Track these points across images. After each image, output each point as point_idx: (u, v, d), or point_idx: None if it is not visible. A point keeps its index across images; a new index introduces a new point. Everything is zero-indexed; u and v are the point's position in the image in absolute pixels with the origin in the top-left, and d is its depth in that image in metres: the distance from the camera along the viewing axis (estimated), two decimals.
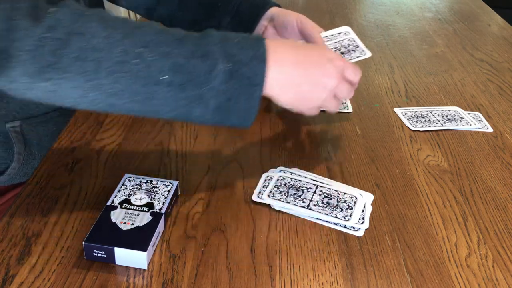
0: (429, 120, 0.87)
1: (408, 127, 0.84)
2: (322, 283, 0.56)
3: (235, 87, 0.60)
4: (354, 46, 0.88)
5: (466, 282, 0.57)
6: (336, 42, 0.89)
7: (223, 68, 0.59)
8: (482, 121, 0.88)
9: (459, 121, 0.87)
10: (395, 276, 0.57)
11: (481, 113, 0.90)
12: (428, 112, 0.89)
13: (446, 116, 0.88)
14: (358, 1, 1.50)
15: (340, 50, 0.88)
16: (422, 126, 0.85)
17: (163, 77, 0.58)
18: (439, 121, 0.86)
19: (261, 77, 0.61)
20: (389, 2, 1.50)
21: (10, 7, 0.53)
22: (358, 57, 0.86)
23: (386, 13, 1.40)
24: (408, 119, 0.87)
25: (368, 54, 0.86)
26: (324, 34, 0.87)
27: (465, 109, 0.91)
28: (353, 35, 0.89)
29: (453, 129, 0.84)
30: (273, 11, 0.87)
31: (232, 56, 0.60)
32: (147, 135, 0.80)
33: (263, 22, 0.87)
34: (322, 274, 0.57)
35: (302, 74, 0.66)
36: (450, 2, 1.53)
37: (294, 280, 0.56)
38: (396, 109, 0.90)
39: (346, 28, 0.90)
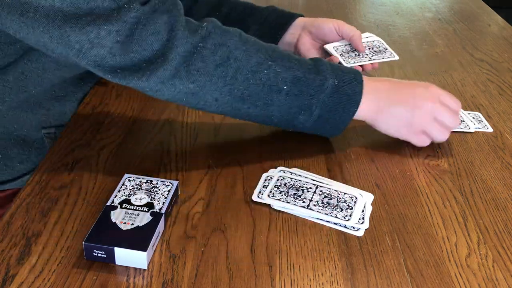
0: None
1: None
2: (322, 283, 0.56)
3: (337, 101, 0.72)
4: (384, 48, 0.97)
5: (466, 282, 0.57)
6: (367, 42, 0.98)
7: (331, 83, 0.71)
8: (482, 121, 0.88)
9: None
10: (395, 276, 0.57)
11: (481, 113, 0.90)
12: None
13: (372, 49, 0.89)
14: (358, 1, 1.50)
15: (372, 49, 0.96)
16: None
17: (285, 87, 0.69)
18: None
19: (359, 96, 0.73)
20: (389, 2, 1.50)
21: (168, 21, 0.64)
22: (388, 57, 0.95)
23: (386, 13, 1.40)
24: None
25: (396, 57, 0.96)
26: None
27: (465, 109, 0.91)
28: (385, 43, 0.99)
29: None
30: (302, 20, 0.97)
31: (338, 75, 0.72)
32: (147, 135, 0.80)
33: (293, 31, 0.96)
34: (322, 274, 0.57)
35: (396, 99, 0.75)
36: (450, 2, 1.53)
37: (294, 280, 0.56)
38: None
39: (378, 38, 1.00)
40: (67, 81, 0.83)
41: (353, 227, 0.63)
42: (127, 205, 0.61)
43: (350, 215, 0.65)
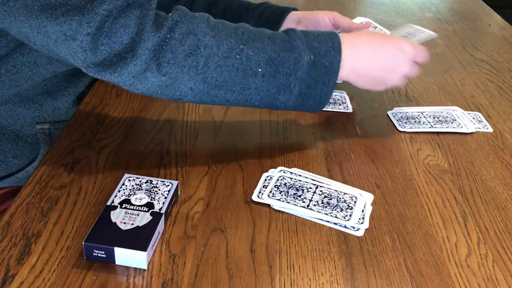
0: (419, 122, 0.86)
1: (397, 128, 0.84)
2: (322, 283, 0.56)
3: (315, 75, 0.70)
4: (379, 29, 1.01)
5: (466, 282, 0.57)
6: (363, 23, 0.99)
7: (307, 59, 0.69)
8: (482, 121, 0.88)
9: (450, 122, 0.86)
10: (395, 276, 0.57)
11: (481, 113, 0.90)
12: (420, 113, 0.89)
13: (438, 118, 0.88)
14: (358, 1, 1.50)
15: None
16: (410, 128, 0.84)
17: (259, 69, 0.68)
18: (429, 122, 0.86)
19: (337, 66, 0.71)
20: (389, 2, 1.50)
21: (140, 16, 0.63)
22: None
23: (386, 13, 1.40)
24: (398, 120, 0.86)
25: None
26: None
27: (465, 109, 0.91)
28: (375, 24, 1.01)
29: (443, 131, 0.84)
30: (297, 13, 0.96)
31: (314, 48, 0.70)
32: (147, 135, 0.80)
33: (289, 24, 0.95)
34: (322, 274, 0.57)
35: (377, 67, 0.75)
36: (450, 2, 1.53)
37: (294, 280, 0.56)
38: (388, 112, 0.89)
39: (363, 18, 1.01)
40: (59, 76, 0.83)
41: (353, 227, 0.63)
42: (127, 205, 0.61)
43: (350, 215, 0.65)
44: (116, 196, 0.63)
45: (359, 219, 0.64)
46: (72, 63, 0.65)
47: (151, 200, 0.63)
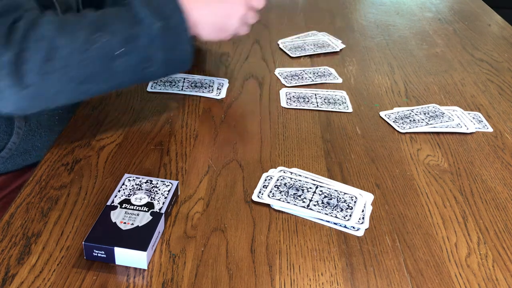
0: (414, 120, 0.86)
1: (398, 130, 0.84)
2: (322, 283, 0.56)
3: (170, 39, 0.72)
4: None
5: (466, 282, 0.57)
6: None
7: (156, 27, 0.70)
8: (482, 121, 0.88)
9: (441, 117, 0.87)
10: (395, 276, 0.57)
11: (481, 113, 0.90)
12: (410, 112, 0.89)
13: (428, 114, 0.88)
14: (358, 1, 1.50)
15: None
16: (410, 128, 0.84)
17: (117, 52, 0.68)
18: (423, 119, 0.86)
19: (186, 24, 0.73)
20: (389, 2, 1.50)
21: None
22: None
23: (386, 13, 1.40)
24: (393, 121, 0.86)
25: None
26: None
27: (465, 109, 0.91)
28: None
29: (441, 131, 0.84)
30: None
31: (159, 14, 0.71)
32: (147, 135, 0.80)
33: None
34: (322, 274, 0.57)
35: (215, 13, 0.78)
36: (450, 2, 1.53)
37: (294, 280, 0.56)
38: (381, 113, 0.89)
39: None
40: None
41: (353, 227, 0.63)
42: (127, 205, 0.61)
43: (350, 215, 0.65)
44: (116, 196, 0.63)
45: (359, 219, 0.64)
46: None
47: (151, 200, 0.63)
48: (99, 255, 0.56)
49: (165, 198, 0.63)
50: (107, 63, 0.68)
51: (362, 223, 0.64)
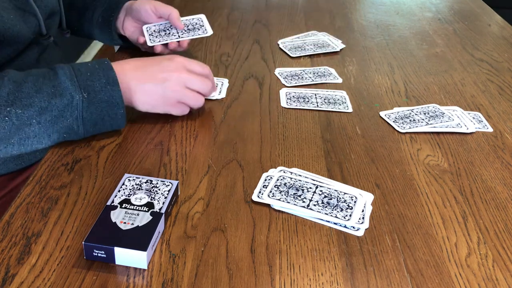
0: (414, 120, 0.86)
1: (398, 130, 0.84)
2: (322, 283, 0.56)
3: (97, 111, 0.72)
4: (200, 25, 1.02)
5: (466, 282, 0.57)
6: (187, 20, 1.03)
7: (79, 98, 0.70)
8: (482, 121, 0.88)
9: (441, 117, 0.87)
10: (395, 276, 0.57)
11: (481, 113, 0.90)
12: (410, 112, 0.89)
13: (428, 114, 0.88)
14: (358, 1, 1.50)
15: (188, 26, 1.01)
16: (410, 128, 0.84)
17: (33, 121, 0.69)
18: (423, 119, 0.86)
19: (118, 98, 0.73)
20: (389, 2, 1.50)
21: None
22: (199, 34, 1.00)
23: (386, 13, 1.40)
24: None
25: (209, 33, 1.00)
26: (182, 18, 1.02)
27: (465, 109, 0.91)
28: (205, 21, 1.04)
29: (441, 131, 0.84)
30: (128, 3, 1.02)
31: (87, 86, 0.71)
32: (147, 135, 0.80)
33: (120, 15, 1.01)
34: (322, 274, 0.57)
35: (145, 77, 0.77)
36: (450, 2, 1.53)
37: (294, 280, 0.56)
38: (381, 113, 0.89)
39: (201, 16, 1.05)
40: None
41: (353, 227, 0.63)
42: (127, 205, 0.61)
43: (350, 215, 0.65)
44: (116, 196, 0.63)
45: (359, 219, 0.64)
46: None
47: (151, 200, 0.63)
48: (99, 255, 0.56)
49: (165, 198, 0.63)
50: (18, 129, 0.68)
51: (362, 223, 0.64)
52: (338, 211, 0.65)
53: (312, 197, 0.67)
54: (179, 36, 0.99)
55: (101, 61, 0.76)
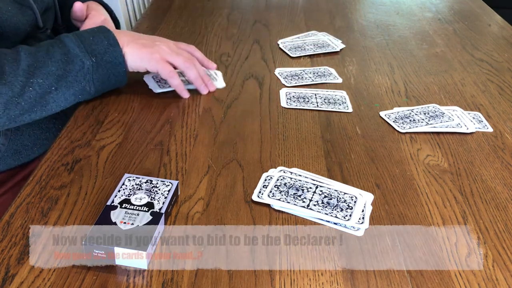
0: (414, 120, 0.86)
1: (398, 130, 0.84)
2: (322, 283, 0.56)
3: (104, 72, 0.82)
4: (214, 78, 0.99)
5: (466, 282, 0.57)
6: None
7: (89, 63, 0.80)
8: (482, 121, 0.88)
9: (441, 117, 0.86)
10: (395, 276, 0.57)
11: (481, 113, 0.90)
12: (410, 112, 0.89)
13: (428, 114, 0.88)
14: (358, 1, 1.50)
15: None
16: (410, 128, 0.84)
17: (53, 88, 0.77)
18: (423, 119, 0.86)
19: (120, 58, 0.83)
20: (389, 2, 1.50)
21: None
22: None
23: (386, 13, 1.40)
24: (393, 121, 0.86)
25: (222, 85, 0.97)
26: None
27: (465, 109, 0.91)
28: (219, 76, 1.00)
29: (441, 131, 0.84)
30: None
31: (93, 51, 0.81)
32: (147, 135, 0.80)
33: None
34: (322, 274, 0.57)
35: (135, 37, 0.87)
36: (450, 2, 1.53)
37: (294, 280, 0.56)
38: (381, 113, 0.89)
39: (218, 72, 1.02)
40: None
41: (353, 227, 0.63)
42: (127, 205, 0.61)
43: (350, 215, 0.65)
44: (116, 196, 0.63)
45: (359, 219, 0.64)
46: None
47: (151, 200, 0.63)
48: (99, 255, 0.56)
49: (165, 198, 0.63)
50: (41, 98, 0.76)
51: (362, 223, 0.64)
52: (338, 211, 0.65)
53: (312, 197, 0.67)
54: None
55: (98, 26, 0.85)
